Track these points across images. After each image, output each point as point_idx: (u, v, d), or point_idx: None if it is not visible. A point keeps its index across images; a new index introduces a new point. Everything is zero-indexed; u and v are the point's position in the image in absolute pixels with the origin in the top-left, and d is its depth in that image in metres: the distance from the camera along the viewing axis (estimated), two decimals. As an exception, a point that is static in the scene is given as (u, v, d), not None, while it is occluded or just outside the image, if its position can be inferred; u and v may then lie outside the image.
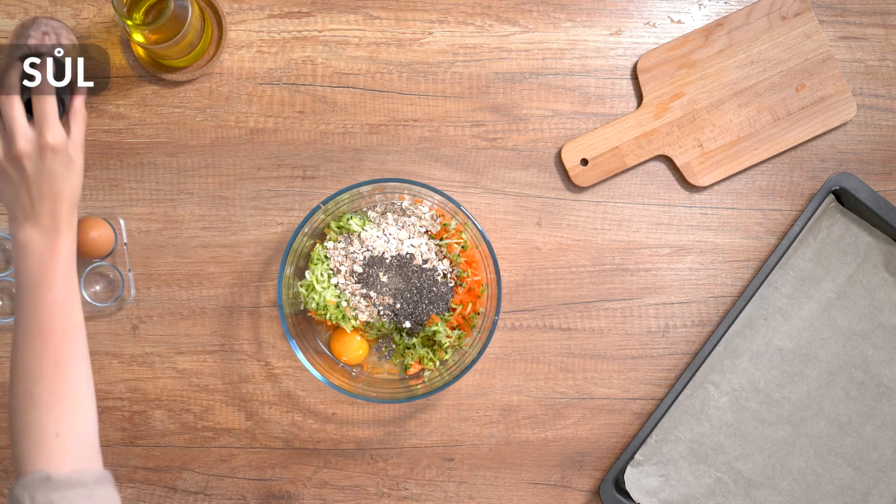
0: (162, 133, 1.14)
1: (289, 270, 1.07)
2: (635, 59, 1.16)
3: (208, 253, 1.15)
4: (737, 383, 1.14)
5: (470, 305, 1.10)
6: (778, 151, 1.15)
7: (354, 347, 1.11)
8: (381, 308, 1.08)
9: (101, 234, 1.09)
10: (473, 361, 1.06)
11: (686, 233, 1.16)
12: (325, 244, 1.10)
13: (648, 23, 1.16)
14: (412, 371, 1.11)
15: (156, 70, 1.13)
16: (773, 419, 1.14)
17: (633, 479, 1.13)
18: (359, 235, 1.09)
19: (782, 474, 1.13)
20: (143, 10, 1.06)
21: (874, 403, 1.14)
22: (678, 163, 1.15)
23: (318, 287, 1.08)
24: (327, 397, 1.15)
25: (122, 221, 1.14)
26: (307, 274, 1.09)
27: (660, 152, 1.15)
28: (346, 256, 1.09)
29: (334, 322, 1.09)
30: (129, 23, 0.99)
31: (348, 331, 1.10)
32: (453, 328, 1.11)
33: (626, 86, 1.16)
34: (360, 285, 1.08)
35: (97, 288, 1.14)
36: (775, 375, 1.14)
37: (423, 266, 1.09)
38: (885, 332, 1.14)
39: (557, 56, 1.16)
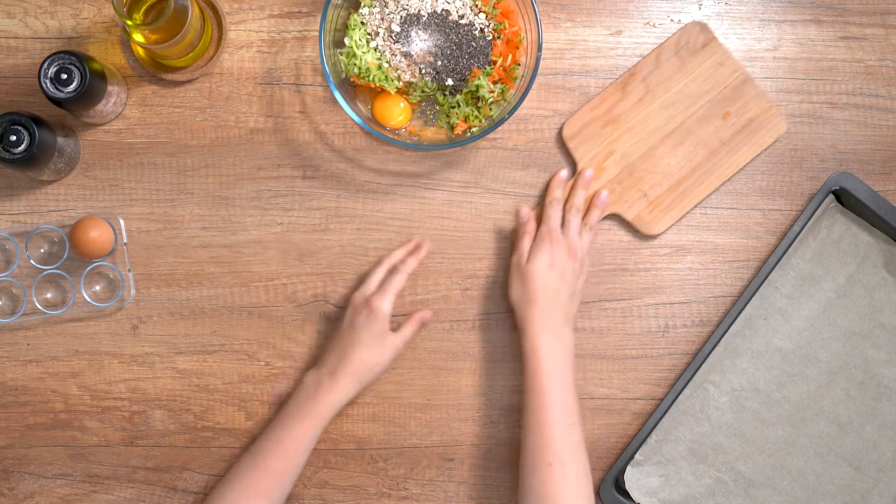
0: (162, 133, 1.14)
1: (328, 38, 1.07)
2: (636, 60, 1.16)
3: (208, 253, 1.15)
4: (737, 383, 1.14)
5: (510, 57, 1.10)
6: (724, 180, 1.15)
7: (398, 111, 1.11)
8: (422, 66, 1.09)
9: (101, 234, 1.09)
10: (518, 104, 1.06)
11: (686, 233, 1.16)
12: (361, 11, 1.09)
13: (648, 23, 1.16)
14: (458, 131, 1.11)
15: (156, 70, 1.13)
16: (773, 419, 1.14)
17: (633, 479, 1.13)
18: None
19: (782, 474, 1.13)
20: (143, 10, 1.06)
21: (874, 403, 1.14)
22: (628, 217, 1.14)
23: (357, 52, 1.08)
24: (327, 397, 1.15)
25: (122, 221, 1.14)
26: (346, 41, 1.09)
27: (608, 212, 1.14)
28: (382, 19, 1.09)
29: (377, 85, 1.09)
30: (129, 23, 0.99)
31: (392, 92, 1.10)
32: (495, 82, 1.10)
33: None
34: (399, 45, 1.08)
35: (97, 288, 1.14)
36: (775, 375, 1.14)
37: (460, 21, 1.09)
38: (885, 332, 1.14)
39: (557, 56, 1.16)
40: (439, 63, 1.09)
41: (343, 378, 1.07)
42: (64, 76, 1.02)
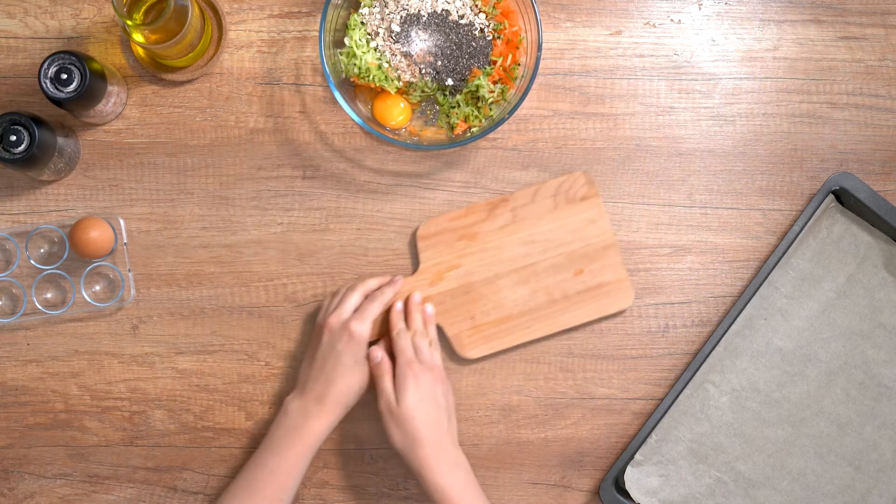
0: (162, 133, 1.14)
1: (328, 38, 1.07)
2: (636, 60, 1.16)
3: (208, 253, 1.15)
4: (737, 383, 1.14)
5: (510, 57, 1.10)
6: (550, 332, 1.14)
7: (398, 111, 1.11)
8: (422, 66, 1.09)
9: (101, 234, 1.09)
10: (518, 104, 1.06)
11: (686, 233, 1.16)
12: (361, 11, 1.09)
13: (648, 23, 1.16)
14: (458, 131, 1.11)
15: (156, 70, 1.13)
16: (773, 419, 1.14)
17: (633, 479, 1.13)
18: None
19: (782, 474, 1.13)
20: (143, 10, 1.06)
21: (874, 403, 1.14)
22: (448, 333, 1.13)
23: (357, 52, 1.08)
24: (327, 397, 1.15)
25: (122, 221, 1.14)
26: (346, 41, 1.09)
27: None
28: (382, 19, 1.09)
29: (377, 85, 1.09)
30: (129, 23, 0.99)
31: (392, 92, 1.10)
32: (495, 82, 1.10)
33: (626, 86, 1.16)
34: (399, 45, 1.08)
35: (97, 288, 1.14)
36: (775, 375, 1.14)
37: (460, 21, 1.09)
38: (885, 332, 1.14)
39: (557, 56, 1.16)
40: (439, 63, 1.09)
41: (331, 405, 1.06)
42: (64, 76, 1.02)
